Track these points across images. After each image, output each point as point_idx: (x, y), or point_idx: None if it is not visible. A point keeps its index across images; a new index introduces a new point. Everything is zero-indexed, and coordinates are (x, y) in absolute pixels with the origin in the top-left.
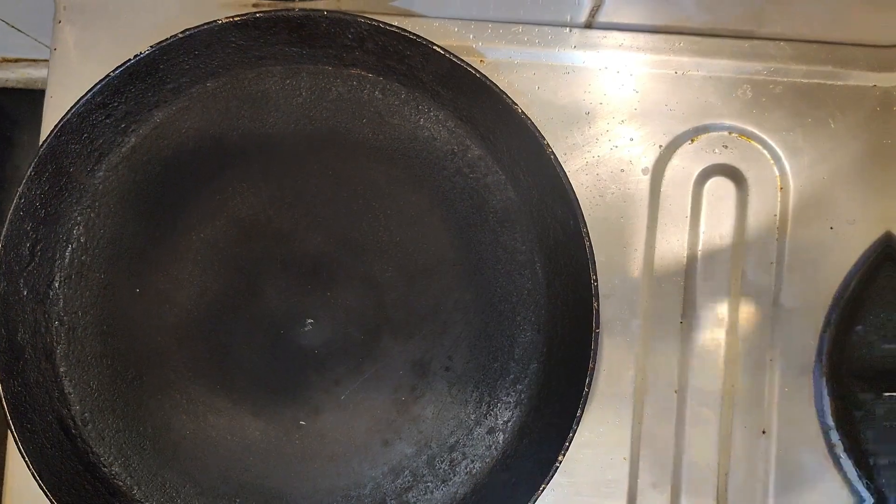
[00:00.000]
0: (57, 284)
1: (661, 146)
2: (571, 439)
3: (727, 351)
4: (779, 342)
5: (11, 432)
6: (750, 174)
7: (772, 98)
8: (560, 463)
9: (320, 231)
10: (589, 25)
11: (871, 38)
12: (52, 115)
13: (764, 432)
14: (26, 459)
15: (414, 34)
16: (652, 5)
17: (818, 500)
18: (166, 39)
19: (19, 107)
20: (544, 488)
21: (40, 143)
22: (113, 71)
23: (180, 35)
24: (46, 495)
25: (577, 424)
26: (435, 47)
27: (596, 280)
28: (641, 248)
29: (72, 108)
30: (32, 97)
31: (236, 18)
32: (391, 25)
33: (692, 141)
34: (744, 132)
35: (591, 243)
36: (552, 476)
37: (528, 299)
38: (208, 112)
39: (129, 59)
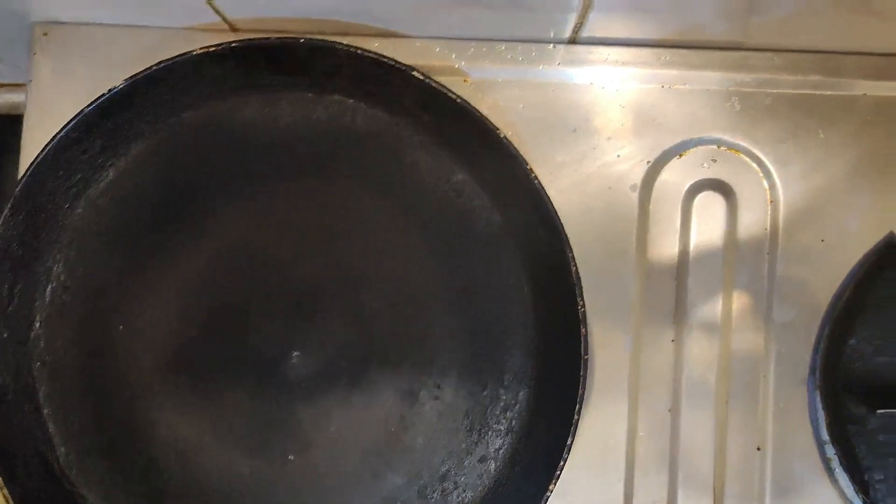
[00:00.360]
0: (38, 325)
1: (648, 162)
2: (562, 468)
3: (720, 367)
4: (772, 357)
5: None
6: (739, 188)
7: (760, 110)
8: (551, 492)
9: (305, 260)
10: (573, 41)
11: (860, 45)
12: (31, 149)
13: (759, 449)
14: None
15: (392, 60)
16: (637, 19)
17: None
18: (141, 72)
19: (2, 133)
20: None
21: (18, 178)
22: (87, 106)
23: (155, 67)
24: None
25: (569, 452)
26: (414, 73)
27: (583, 305)
28: (631, 265)
29: (46, 146)
30: (14, 122)
31: (212, 49)
32: (368, 52)
33: (680, 156)
34: (733, 145)
35: (577, 268)
36: None
37: (517, 324)
38: (187, 143)
39: (104, 94)
